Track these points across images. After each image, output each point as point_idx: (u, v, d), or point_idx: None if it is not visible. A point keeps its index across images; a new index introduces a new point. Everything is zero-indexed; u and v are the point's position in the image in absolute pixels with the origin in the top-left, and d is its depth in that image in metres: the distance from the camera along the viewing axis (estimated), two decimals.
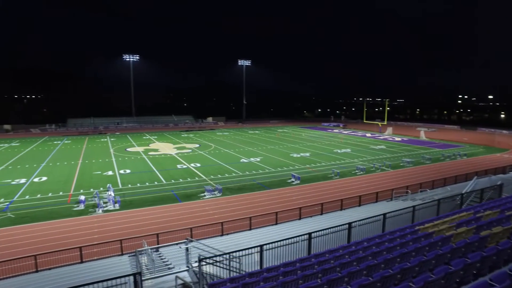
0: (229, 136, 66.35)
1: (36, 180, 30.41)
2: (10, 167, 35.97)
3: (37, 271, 13.47)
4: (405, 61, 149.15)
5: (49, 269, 13.69)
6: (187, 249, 11.43)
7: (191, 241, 13.03)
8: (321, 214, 20.74)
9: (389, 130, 70.45)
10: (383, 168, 35.04)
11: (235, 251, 10.43)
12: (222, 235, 17.11)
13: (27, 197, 25.15)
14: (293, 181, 29.61)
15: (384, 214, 14.11)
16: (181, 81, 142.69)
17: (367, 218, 13.83)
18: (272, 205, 22.95)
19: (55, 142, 56.86)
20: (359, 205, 22.34)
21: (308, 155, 43.32)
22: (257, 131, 75.54)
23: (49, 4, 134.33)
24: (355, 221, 13.37)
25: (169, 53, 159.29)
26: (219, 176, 31.70)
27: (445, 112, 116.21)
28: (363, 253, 9.51)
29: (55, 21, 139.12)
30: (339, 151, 46.55)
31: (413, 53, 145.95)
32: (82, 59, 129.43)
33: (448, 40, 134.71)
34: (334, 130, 78.40)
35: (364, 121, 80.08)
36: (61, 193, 26.21)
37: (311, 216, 20.29)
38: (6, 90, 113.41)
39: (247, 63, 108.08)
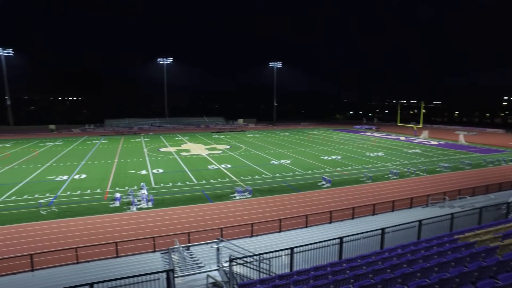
0: (259, 137, 66.57)
1: (76, 177, 32.08)
2: (54, 164, 38.23)
3: (77, 263, 14.25)
4: (443, 61, 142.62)
5: (88, 261, 14.44)
6: (218, 248, 11.58)
7: (222, 241, 13.19)
8: (352, 218, 20.29)
9: (425, 133, 67.60)
10: (418, 172, 33.66)
11: (266, 253, 10.43)
12: (251, 236, 17.18)
13: (68, 193, 26.60)
14: (323, 184, 29.18)
15: (420, 221, 13.53)
16: (213, 82, 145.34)
17: (401, 224, 13.34)
18: (302, 208, 22.73)
19: (93, 142, 59.76)
20: (392, 211, 21.63)
21: (340, 158, 42.52)
22: (287, 133, 75.22)
23: (90, 9, 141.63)
24: (389, 227, 12.93)
25: (201, 55, 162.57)
26: (249, 177, 31.88)
27: (488, 114, 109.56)
28: (397, 260, 9.18)
29: (94, 25, 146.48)
30: (371, 154, 45.31)
31: (452, 52, 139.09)
32: (120, 62, 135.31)
33: (491, 37, 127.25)
34: (367, 133, 76.43)
35: (398, 124, 77.31)
36: (98, 190, 27.46)
37: (342, 220, 19.92)
38: (52, 92, 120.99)
39: (278, 65, 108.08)
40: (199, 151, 48.19)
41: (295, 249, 10.75)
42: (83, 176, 32.55)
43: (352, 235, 12.07)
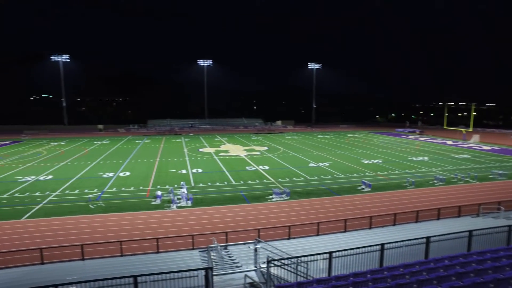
0: (298, 139, 66.08)
1: (121, 174, 33.80)
2: (101, 162, 40.62)
3: (122, 255, 15.00)
4: (496, 58, 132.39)
5: (131, 255, 15.16)
6: (255, 249, 11.62)
7: (260, 242, 13.22)
8: (394, 225, 19.47)
9: (475, 137, 63.22)
10: (467, 179, 31.53)
11: (304, 256, 10.29)
12: (288, 238, 17.08)
13: (114, 189, 28.10)
14: (363, 188, 28.30)
15: (470, 231, 12.64)
16: (252, 84, 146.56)
17: (448, 233, 12.53)
18: (341, 212, 22.21)
19: (137, 141, 62.67)
20: (438, 219, 20.45)
21: (380, 162, 41.02)
22: (326, 136, 73.96)
23: (133, 16, 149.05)
24: (434, 236, 12.22)
25: (240, 57, 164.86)
26: (287, 179, 31.71)
27: None
28: (445, 272, 8.64)
29: (138, 31, 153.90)
30: (414, 159, 43.21)
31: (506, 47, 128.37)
32: (163, 65, 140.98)
33: None
34: (410, 137, 73.04)
35: (445, 127, 73.10)
36: (141, 187, 28.71)
37: (382, 226, 19.20)
38: (100, 94, 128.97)
39: (317, 66, 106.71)
40: (238, 152, 48.78)
41: (333, 254, 10.51)
42: (127, 173, 34.21)
43: (394, 242, 11.56)
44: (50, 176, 32.63)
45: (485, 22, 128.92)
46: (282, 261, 10.33)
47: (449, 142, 61.65)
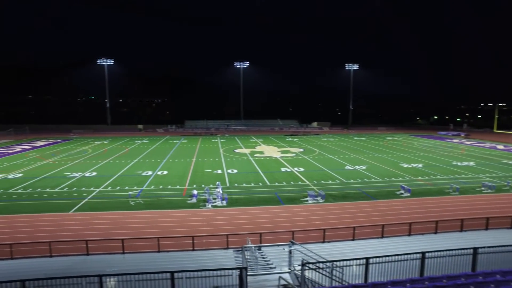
0: (333, 142, 64.86)
1: (159, 173, 35.00)
2: (141, 161, 42.35)
3: (159, 251, 15.54)
4: None
5: (168, 251, 15.65)
6: (290, 251, 11.53)
7: (294, 244, 13.11)
8: (435, 233, 18.47)
9: None
10: None
11: (339, 260, 10.07)
12: (323, 242, 16.78)
13: (152, 187, 29.16)
14: (402, 193, 27.16)
15: None
16: (287, 85, 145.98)
17: (500, 246, 11.68)
18: (378, 217, 21.44)
19: (175, 141, 64.64)
20: (486, 229, 19.09)
21: (421, 166, 39.15)
22: (363, 138, 71.91)
23: (170, 20, 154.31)
24: (483, 247, 11.44)
25: (276, 58, 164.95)
26: (323, 182, 31.20)
27: None
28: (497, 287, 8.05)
29: (176, 35, 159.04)
30: (459, 163, 40.76)
31: None
32: (200, 67, 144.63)
33: None
34: (454, 140, 69.03)
35: (495, 131, 68.26)
36: (178, 186, 29.53)
37: (422, 234, 18.29)
38: (141, 95, 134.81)
39: (354, 67, 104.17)
40: (273, 154, 48.77)
41: (370, 260, 10.18)
42: (165, 172, 35.36)
43: (436, 251, 10.99)
44: (94, 173, 34.54)
45: None
46: (317, 264, 10.17)
47: (500, 147, 57.46)
